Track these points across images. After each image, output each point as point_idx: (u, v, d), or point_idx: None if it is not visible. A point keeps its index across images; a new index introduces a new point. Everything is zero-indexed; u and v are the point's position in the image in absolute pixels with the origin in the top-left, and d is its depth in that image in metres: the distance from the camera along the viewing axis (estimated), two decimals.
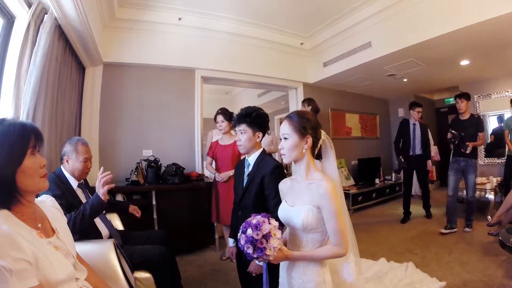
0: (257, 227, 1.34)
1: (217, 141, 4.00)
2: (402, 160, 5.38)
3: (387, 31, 4.59)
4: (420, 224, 5.01)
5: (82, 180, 2.46)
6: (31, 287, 1.02)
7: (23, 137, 1.16)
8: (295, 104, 6.19)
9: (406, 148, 5.39)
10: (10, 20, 2.58)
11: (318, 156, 1.65)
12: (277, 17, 4.97)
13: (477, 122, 4.57)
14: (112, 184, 2.10)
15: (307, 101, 4.67)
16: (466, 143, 4.32)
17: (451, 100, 8.08)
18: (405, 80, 6.31)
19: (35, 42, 2.53)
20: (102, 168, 2.12)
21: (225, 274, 3.41)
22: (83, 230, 2.03)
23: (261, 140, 2.27)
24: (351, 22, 4.98)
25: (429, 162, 5.37)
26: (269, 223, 1.37)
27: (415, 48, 4.39)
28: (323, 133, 1.62)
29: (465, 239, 4.07)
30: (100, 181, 2.04)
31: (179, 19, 4.59)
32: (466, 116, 4.60)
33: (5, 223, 1.04)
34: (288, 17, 4.99)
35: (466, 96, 4.59)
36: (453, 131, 4.48)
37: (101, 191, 2.03)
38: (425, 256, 3.63)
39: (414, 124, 5.40)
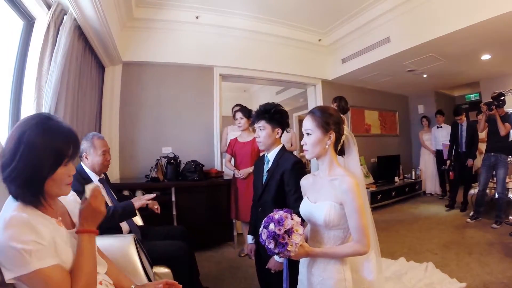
0: (279, 222, 1.33)
1: (236, 138, 3.99)
2: (449, 163, 5.86)
3: (406, 26, 4.50)
4: (440, 223, 4.91)
5: (103, 175, 2.50)
6: (51, 265, 1.04)
7: (65, 145, 1.17)
8: (314, 101, 6.15)
9: (456, 146, 5.73)
10: (30, 21, 2.63)
11: (341, 152, 1.63)
12: (294, 14, 4.94)
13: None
14: (149, 201, 2.31)
15: (334, 99, 4.65)
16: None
17: (472, 97, 7.91)
18: (425, 75, 6.19)
19: (56, 42, 2.57)
20: (154, 195, 2.40)
21: (243, 271, 3.41)
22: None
23: (280, 137, 2.25)
24: (369, 17, 4.90)
25: (470, 160, 5.47)
26: (292, 219, 1.37)
27: (435, 43, 4.30)
28: (346, 128, 1.60)
29: (485, 240, 3.97)
30: (144, 198, 2.25)
31: (197, 17, 4.61)
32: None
33: (25, 212, 1.06)
34: (305, 14, 4.94)
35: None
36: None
37: (138, 202, 2.19)
38: (445, 256, 3.55)
39: (461, 125, 5.63)
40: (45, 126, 1.14)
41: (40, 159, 1.09)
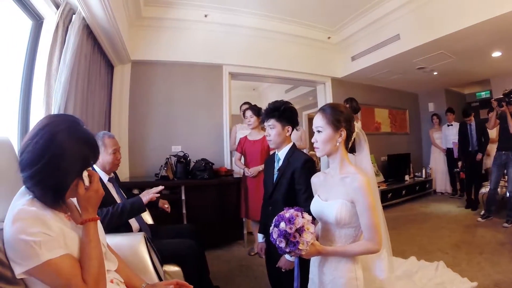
0: (290, 221, 1.32)
1: (245, 136, 3.98)
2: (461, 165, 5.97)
3: (416, 23, 4.46)
4: (451, 222, 4.87)
5: (113, 175, 2.51)
6: (61, 255, 1.04)
7: (91, 154, 1.18)
8: (324, 99, 6.11)
9: (466, 145, 5.73)
10: (38, 21, 2.64)
11: (351, 150, 1.61)
12: (303, 11, 4.91)
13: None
14: (157, 194, 2.26)
15: (345, 101, 4.61)
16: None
17: (483, 94, 7.81)
18: (435, 73, 6.14)
19: (64, 41, 2.58)
20: (163, 187, 2.34)
21: (253, 270, 3.41)
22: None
23: (290, 135, 2.23)
24: (378, 14, 4.86)
25: (479, 155, 5.51)
26: (303, 217, 1.35)
27: (445, 40, 4.26)
28: (356, 125, 1.58)
29: (497, 239, 3.92)
30: (152, 192, 2.21)
31: (205, 15, 4.60)
32: None
33: (34, 206, 1.06)
34: (314, 11, 4.92)
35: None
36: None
37: (146, 197, 2.16)
38: (455, 255, 3.51)
39: (470, 125, 5.68)
40: (78, 133, 1.15)
41: (70, 165, 1.10)
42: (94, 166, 2.34)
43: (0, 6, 2.24)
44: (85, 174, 1.19)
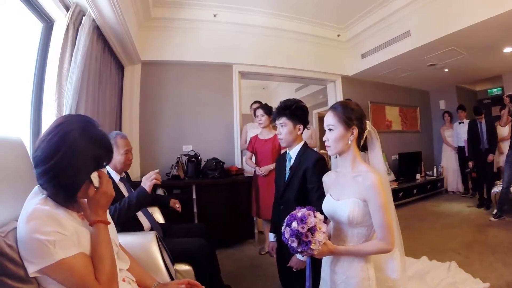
0: (302, 220, 1.31)
1: (256, 135, 3.98)
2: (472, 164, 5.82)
3: (426, 19, 4.40)
4: (463, 222, 4.81)
5: (124, 174, 2.53)
6: (75, 254, 1.05)
7: (104, 155, 1.19)
8: (334, 97, 6.07)
9: (477, 144, 5.63)
10: (49, 23, 2.66)
11: (363, 148, 1.60)
12: (312, 9, 4.89)
13: None
14: (158, 180, 2.19)
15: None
16: None
17: (495, 91, 7.70)
18: (446, 70, 6.06)
19: (75, 43, 2.60)
20: (158, 170, 2.23)
21: (264, 269, 3.40)
22: (126, 222, 2.09)
23: (302, 133, 2.23)
24: (388, 11, 4.82)
25: (490, 155, 5.41)
26: (315, 216, 1.34)
27: (456, 36, 4.20)
28: (368, 123, 1.57)
29: (510, 239, 3.85)
30: (150, 176, 2.13)
31: (214, 15, 4.61)
32: None
33: (47, 205, 1.07)
34: (323, 9, 4.89)
35: None
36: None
37: (148, 184, 2.11)
38: (468, 255, 3.46)
39: (480, 123, 5.58)
40: (91, 133, 1.15)
41: (82, 164, 1.11)
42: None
43: (11, 9, 2.26)
44: (94, 175, 1.19)
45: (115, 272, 1.19)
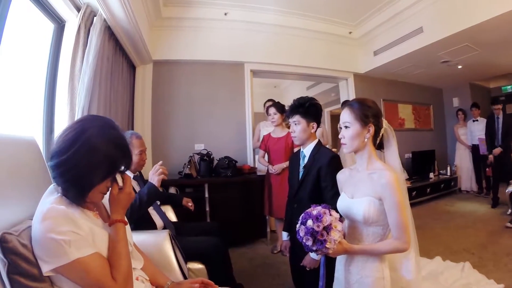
0: (317, 219, 1.30)
1: (269, 133, 3.97)
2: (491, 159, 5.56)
3: (439, 15, 4.34)
4: (477, 222, 4.72)
5: (138, 173, 2.54)
6: (90, 254, 1.05)
7: (121, 159, 1.18)
8: (346, 95, 6.02)
9: (492, 140, 5.56)
10: (60, 24, 2.69)
11: (379, 146, 1.57)
12: (324, 7, 4.86)
13: None
14: (166, 175, 2.15)
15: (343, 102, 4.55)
16: None
17: (509, 88, 7.57)
18: (459, 67, 5.97)
19: (87, 43, 2.62)
20: (161, 162, 2.21)
21: (276, 268, 3.39)
22: (140, 220, 2.11)
23: (315, 131, 2.21)
24: (400, 7, 4.76)
25: (497, 149, 5.38)
26: (330, 215, 1.33)
27: (470, 32, 4.13)
28: (385, 121, 1.55)
29: None
30: (156, 170, 2.09)
31: (225, 14, 4.61)
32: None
33: (62, 204, 1.07)
34: (334, 6, 4.86)
35: None
36: None
37: (156, 179, 2.09)
38: (482, 256, 3.40)
39: (497, 118, 5.52)
40: (108, 133, 1.15)
41: (96, 163, 1.10)
42: None
43: (23, 10, 2.29)
44: (118, 176, 1.21)
45: (131, 271, 1.19)
